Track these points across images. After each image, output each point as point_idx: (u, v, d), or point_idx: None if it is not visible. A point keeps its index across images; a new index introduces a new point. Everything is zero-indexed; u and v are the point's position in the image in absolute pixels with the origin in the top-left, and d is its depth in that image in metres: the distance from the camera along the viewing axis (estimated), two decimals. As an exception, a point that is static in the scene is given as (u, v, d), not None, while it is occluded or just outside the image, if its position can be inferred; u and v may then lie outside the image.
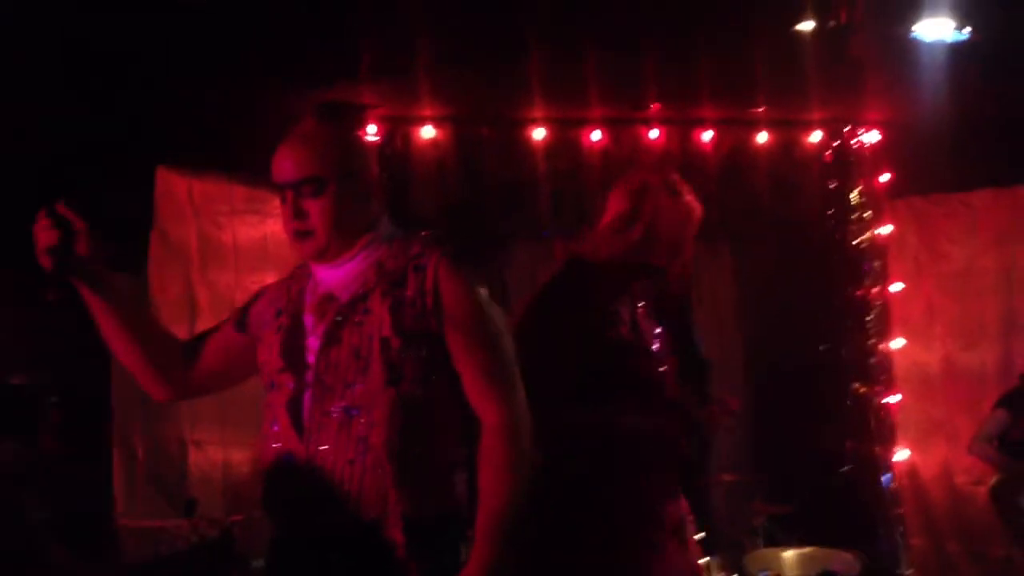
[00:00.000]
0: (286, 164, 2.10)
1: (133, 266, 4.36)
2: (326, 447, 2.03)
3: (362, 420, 2.03)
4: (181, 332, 2.32)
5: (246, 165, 4.46)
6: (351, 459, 2.02)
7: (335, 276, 2.14)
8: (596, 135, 5.21)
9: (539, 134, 5.16)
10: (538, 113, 5.08)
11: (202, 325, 4.46)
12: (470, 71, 4.47)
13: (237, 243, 4.76)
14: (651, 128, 5.24)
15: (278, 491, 2.09)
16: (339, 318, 2.09)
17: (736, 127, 5.31)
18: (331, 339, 2.08)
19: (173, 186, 4.58)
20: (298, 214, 2.08)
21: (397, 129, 5.06)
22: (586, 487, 2.46)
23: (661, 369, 2.58)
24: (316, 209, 2.08)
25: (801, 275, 5.33)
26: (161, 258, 4.51)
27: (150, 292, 4.41)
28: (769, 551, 3.71)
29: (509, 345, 2.12)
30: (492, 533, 2.01)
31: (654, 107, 5.11)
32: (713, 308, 5.57)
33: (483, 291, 2.13)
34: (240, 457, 4.43)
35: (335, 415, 2.04)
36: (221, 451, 4.40)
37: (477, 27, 4.11)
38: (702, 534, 2.73)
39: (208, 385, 2.26)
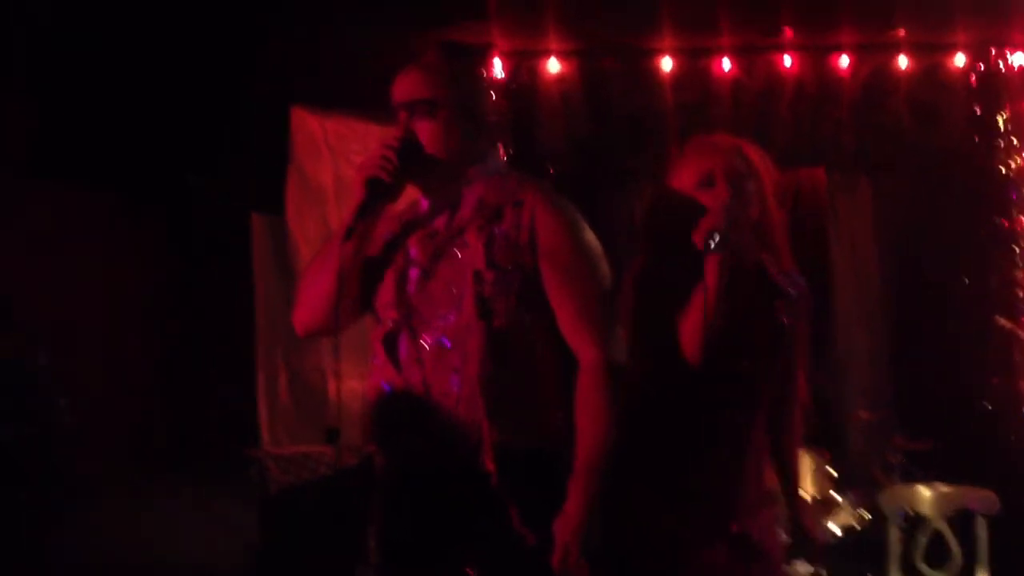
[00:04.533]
0: (404, 85, 2.16)
1: (273, 204, 4.52)
2: (421, 379, 2.08)
3: (455, 352, 2.06)
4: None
5: (378, 104, 4.55)
6: (445, 391, 2.07)
7: (440, 208, 2.18)
8: (726, 64, 5.08)
9: (666, 65, 5.06)
10: (665, 43, 4.98)
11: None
12: (596, 2, 4.42)
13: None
14: (784, 55, 5.09)
15: (380, 423, 2.17)
16: (436, 251, 2.13)
17: (874, 52, 5.10)
18: (427, 272, 2.13)
19: (307, 125, 4.70)
20: (403, 132, 2.13)
21: (523, 64, 5.03)
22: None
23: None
24: (426, 130, 2.12)
25: (944, 205, 5.13)
26: (299, 196, 4.66)
27: (289, 229, 4.57)
28: (905, 488, 3.64)
29: (606, 283, 2.12)
30: (588, 472, 2.04)
31: (787, 33, 4.95)
32: (851, 241, 5.42)
33: (583, 228, 2.13)
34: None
35: (429, 347, 2.09)
36: (360, 381, 4.54)
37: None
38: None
39: (355, 317, 2.28)
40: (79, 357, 3.76)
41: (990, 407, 4.80)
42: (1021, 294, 5.02)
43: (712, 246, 2.24)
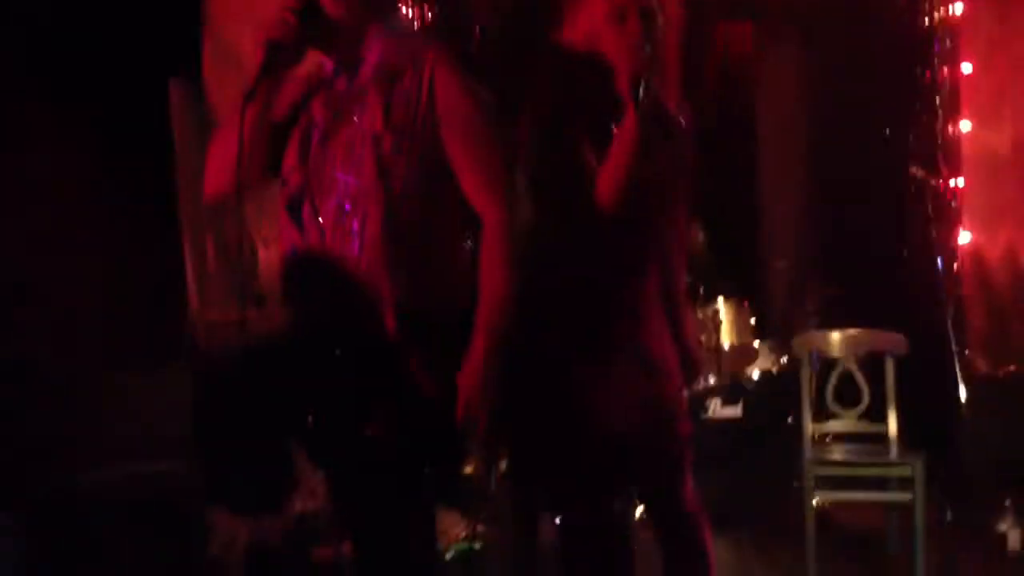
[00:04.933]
0: None
1: (189, 69, 4.40)
2: (322, 241, 2.12)
3: (355, 215, 2.09)
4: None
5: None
6: (347, 253, 2.11)
7: (341, 70, 2.17)
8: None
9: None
10: None
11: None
12: None
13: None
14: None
15: (287, 285, 2.21)
16: (336, 114, 2.13)
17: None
18: (328, 135, 2.13)
19: (222, -14, 4.55)
20: None
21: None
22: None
23: None
24: None
25: (868, 57, 5.16)
26: (217, 62, 4.54)
27: (207, 96, 4.47)
28: (817, 332, 3.78)
29: (504, 144, 2.17)
30: (489, 328, 2.11)
31: None
32: (775, 94, 5.47)
33: (480, 89, 2.14)
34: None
35: (331, 210, 2.11)
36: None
37: None
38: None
39: (261, 181, 2.29)
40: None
41: (904, 254, 4.96)
42: (938, 145, 5.13)
43: (640, 95, 2.24)
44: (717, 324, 4.32)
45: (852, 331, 3.67)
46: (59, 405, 3.52)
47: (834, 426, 3.65)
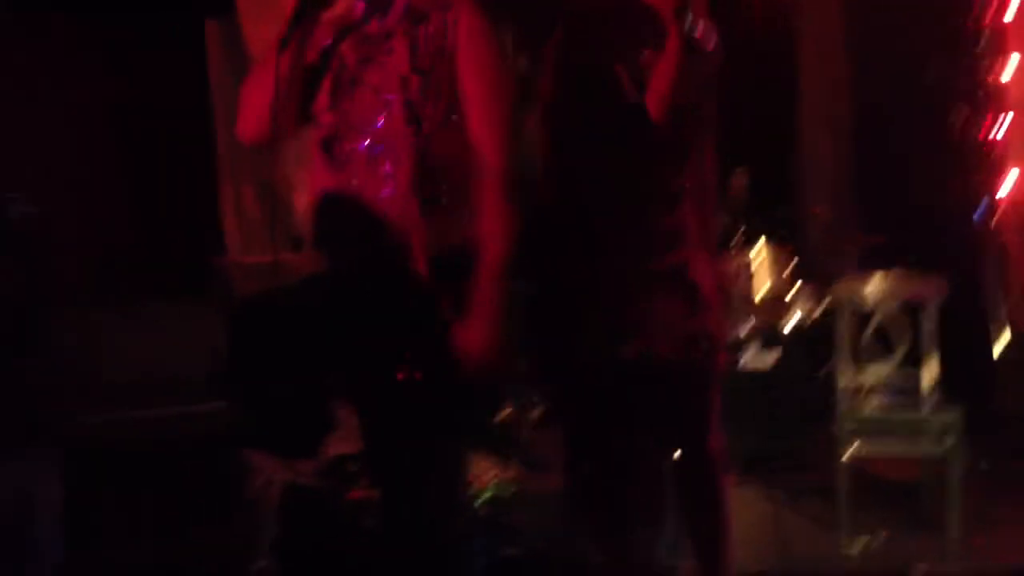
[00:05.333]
0: None
1: (225, 10, 4.38)
2: (354, 183, 2.11)
3: (386, 158, 2.09)
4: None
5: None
6: (378, 195, 2.11)
7: (372, 12, 2.17)
8: None
9: None
10: None
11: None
12: None
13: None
14: None
15: (318, 226, 2.22)
16: (365, 56, 2.12)
17: None
18: (357, 78, 2.13)
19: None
20: None
21: None
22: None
23: None
24: None
25: (913, 6, 5.03)
26: (249, 1, 4.51)
27: (244, 35, 4.45)
28: (856, 279, 3.73)
29: (511, 97, 2.15)
30: (493, 274, 2.10)
31: None
32: (819, 40, 5.34)
33: (501, 44, 2.13)
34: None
35: (361, 152, 2.11)
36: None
37: None
38: None
39: (297, 125, 2.29)
40: (37, 176, 3.74)
41: (946, 200, 4.87)
42: (985, 88, 5.01)
43: (685, 19, 2.22)
44: (752, 269, 4.28)
45: (892, 276, 3.61)
46: (93, 340, 3.58)
47: (870, 376, 3.61)
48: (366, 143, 2.12)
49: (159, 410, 3.46)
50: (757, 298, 4.28)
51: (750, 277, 4.30)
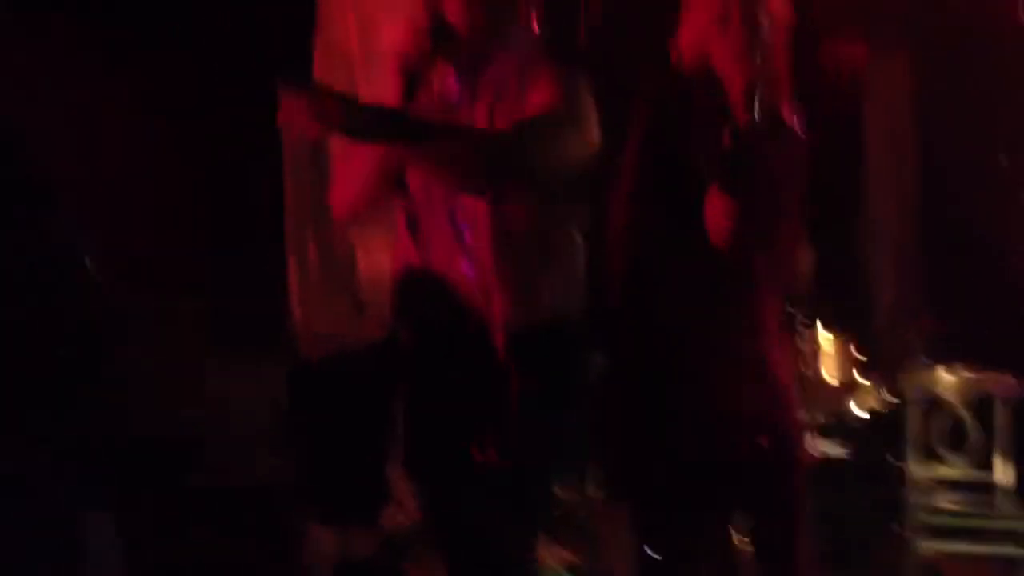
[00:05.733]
0: None
1: (299, 70, 4.45)
2: (435, 257, 2.12)
3: (468, 233, 2.08)
4: (343, 141, 2.34)
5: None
6: (460, 271, 2.11)
7: (462, 85, 2.17)
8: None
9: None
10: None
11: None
12: None
13: (397, 47, 4.77)
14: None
15: (400, 301, 2.22)
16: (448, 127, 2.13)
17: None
18: None
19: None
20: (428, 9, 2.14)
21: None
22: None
23: None
24: (453, 5, 2.11)
25: (985, 82, 4.99)
26: (325, 62, 4.58)
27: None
28: (927, 371, 3.65)
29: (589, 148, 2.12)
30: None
31: None
32: (887, 117, 5.32)
33: (577, 94, 2.10)
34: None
35: (443, 226, 2.11)
36: (387, 255, 4.56)
37: None
38: None
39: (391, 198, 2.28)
40: (107, 217, 3.78)
41: (1018, 290, 4.77)
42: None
43: (754, 106, 2.19)
44: (818, 355, 4.20)
45: (965, 371, 3.53)
46: (151, 391, 3.59)
47: (941, 471, 3.51)
48: (449, 218, 2.11)
49: (220, 471, 3.45)
50: (822, 385, 4.20)
51: (816, 363, 4.22)
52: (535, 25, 2.24)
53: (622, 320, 2.37)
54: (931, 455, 3.51)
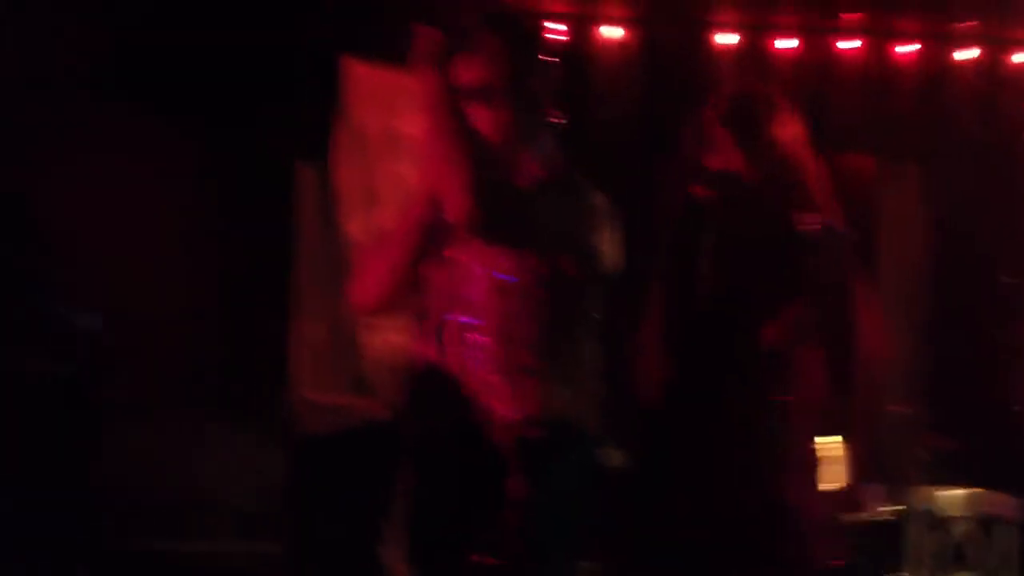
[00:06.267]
0: (459, 71, 2.15)
1: (319, 153, 4.52)
2: (445, 353, 2.13)
3: (477, 329, 2.10)
4: (358, 221, 2.39)
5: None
6: (477, 375, 2.10)
7: None
8: (785, 43, 5.02)
9: (725, 39, 5.00)
10: (726, 16, 4.93)
11: (380, 214, 4.70)
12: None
13: (416, 134, 4.85)
14: (845, 38, 5.01)
15: (414, 396, 2.21)
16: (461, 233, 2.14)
17: (937, 41, 5.02)
18: (450, 251, 2.15)
19: (358, 74, 4.69)
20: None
21: (579, 29, 4.99)
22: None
23: None
24: (480, 116, 2.14)
25: (992, 201, 5.06)
26: (345, 146, 4.66)
27: (333, 178, 4.57)
28: (931, 489, 3.62)
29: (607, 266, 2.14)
30: None
31: (849, 16, 4.88)
32: (895, 231, 5.37)
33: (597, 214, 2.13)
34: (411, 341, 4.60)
35: (453, 323, 2.11)
36: (396, 335, 4.57)
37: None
38: None
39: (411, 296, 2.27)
40: (116, 288, 3.80)
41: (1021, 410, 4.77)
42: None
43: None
44: (820, 465, 4.16)
45: (969, 490, 3.50)
46: (151, 456, 3.56)
47: (942, 589, 3.46)
48: (460, 317, 2.13)
49: (214, 541, 3.40)
50: (826, 491, 4.15)
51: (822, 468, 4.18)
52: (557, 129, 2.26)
53: (654, 420, 2.36)
54: (930, 570, 3.46)
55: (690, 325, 2.40)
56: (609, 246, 2.17)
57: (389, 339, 4.61)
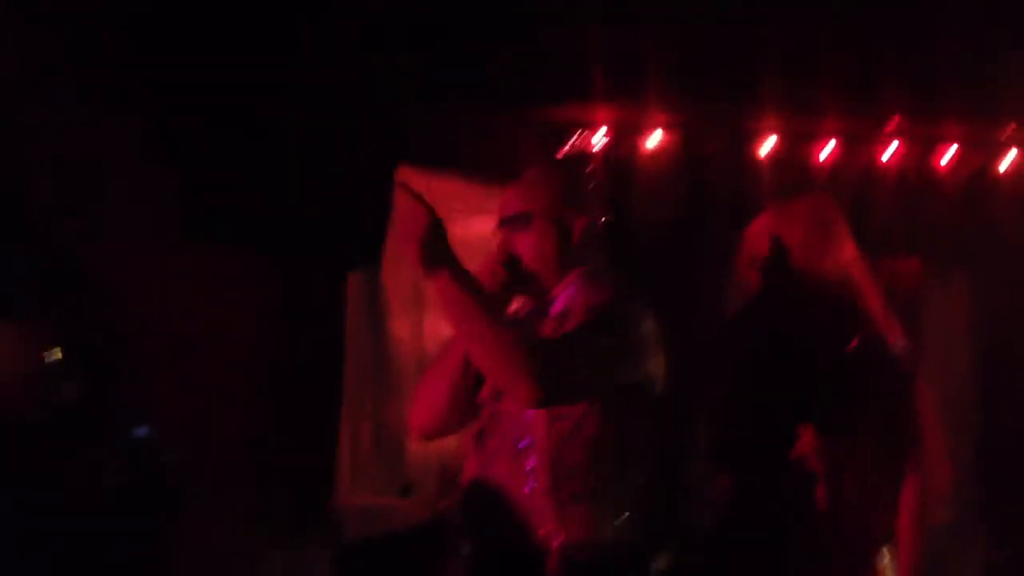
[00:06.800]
0: (505, 202, 2.28)
1: (371, 260, 4.65)
2: (498, 475, 2.17)
3: (531, 453, 2.13)
4: (406, 324, 2.42)
5: (479, 167, 4.72)
6: (519, 489, 2.13)
7: (535, 311, 2.25)
8: (827, 149, 5.08)
9: (767, 145, 5.08)
10: (768, 123, 5.01)
11: (429, 319, 4.78)
12: (701, 81, 4.48)
13: (468, 239, 4.95)
14: (887, 143, 5.07)
15: (464, 511, 2.23)
16: None
17: (978, 145, 5.05)
18: None
19: (411, 183, 4.82)
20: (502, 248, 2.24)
21: (623, 136, 5.10)
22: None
23: None
24: (523, 243, 2.23)
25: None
26: (396, 251, 4.77)
27: (383, 285, 4.68)
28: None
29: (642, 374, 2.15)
30: None
31: (892, 121, 4.93)
32: (942, 334, 5.33)
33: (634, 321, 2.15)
34: (454, 444, 4.63)
35: (507, 445, 2.16)
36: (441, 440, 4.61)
37: (706, 42, 4.13)
38: None
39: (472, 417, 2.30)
40: (183, 405, 3.89)
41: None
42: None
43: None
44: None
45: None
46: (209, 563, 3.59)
47: None
48: (512, 437, 2.16)
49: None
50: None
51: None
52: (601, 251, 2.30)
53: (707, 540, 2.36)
54: None
55: (744, 440, 2.39)
56: (658, 369, 2.18)
57: (434, 444, 4.66)
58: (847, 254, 2.44)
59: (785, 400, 2.35)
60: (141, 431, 2.92)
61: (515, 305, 2.30)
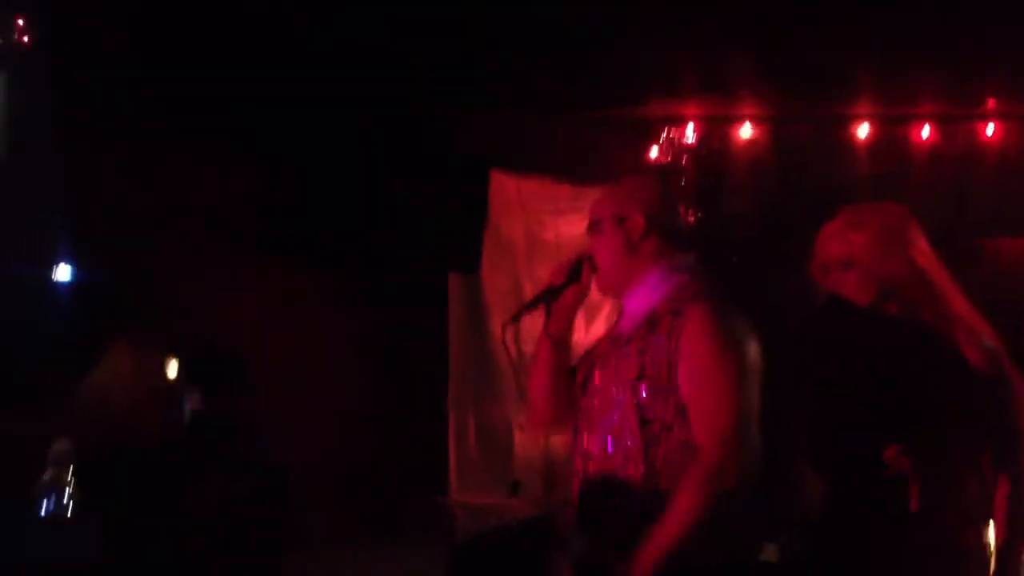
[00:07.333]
0: (594, 206, 2.37)
1: (471, 261, 4.77)
2: (592, 474, 2.24)
3: (619, 454, 2.20)
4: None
5: (570, 169, 4.80)
6: (611, 487, 2.20)
7: (623, 314, 2.33)
8: (924, 133, 5.00)
9: (862, 132, 5.02)
10: (862, 109, 4.95)
11: (527, 318, 4.86)
12: (788, 69, 4.46)
13: (560, 240, 5.06)
14: (984, 124, 4.96)
15: (576, 507, 2.30)
16: (603, 355, 2.29)
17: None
18: (592, 378, 2.29)
19: (504, 186, 4.94)
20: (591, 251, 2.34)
21: (714, 129, 5.10)
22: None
23: None
24: (602, 246, 2.32)
25: None
26: (493, 253, 4.89)
27: (483, 286, 4.80)
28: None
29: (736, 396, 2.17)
30: (658, 543, 2.11)
31: (989, 102, 4.83)
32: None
33: (734, 348, 2.18)
34: (560, 441, 4.71)
35: (597, 446, 2.23)
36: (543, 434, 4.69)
37: (797, 28, 4.11)
38: None
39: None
40: (290, 414, 4.04)
41: None
42: None
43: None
44: None
45: None
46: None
47: None
48: (602, 438, 2.23)
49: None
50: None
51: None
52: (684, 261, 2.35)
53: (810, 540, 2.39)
54: None
55: (833, 449, 2.38)
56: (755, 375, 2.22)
57: (539, 442, 4.74)
58: (920, 259, 2.41)
59: (866, 407, 2.33)
60: (261, 443, 3.07)
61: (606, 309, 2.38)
